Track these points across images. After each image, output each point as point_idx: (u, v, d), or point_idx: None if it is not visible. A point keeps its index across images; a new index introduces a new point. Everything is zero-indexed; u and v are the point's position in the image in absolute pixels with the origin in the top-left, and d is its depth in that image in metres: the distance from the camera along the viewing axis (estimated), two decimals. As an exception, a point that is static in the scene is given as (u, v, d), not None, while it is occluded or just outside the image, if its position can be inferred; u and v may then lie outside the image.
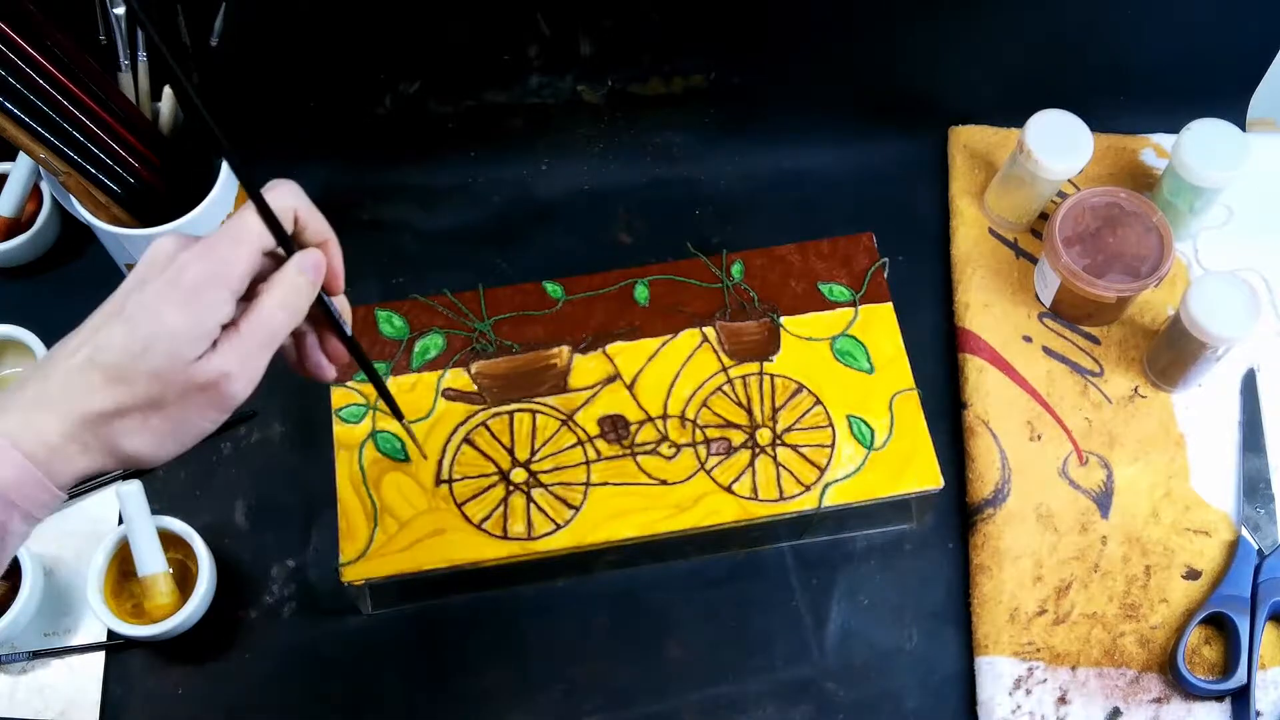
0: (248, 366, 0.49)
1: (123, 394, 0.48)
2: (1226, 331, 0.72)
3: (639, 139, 0.90)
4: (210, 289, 0.48)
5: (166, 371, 0.48)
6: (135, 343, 0.47)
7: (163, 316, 0.47)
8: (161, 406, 0.48)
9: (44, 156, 0.69)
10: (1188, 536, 0.75)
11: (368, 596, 0.73)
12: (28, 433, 0.47)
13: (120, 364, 0.47)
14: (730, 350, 0.76)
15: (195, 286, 0.48)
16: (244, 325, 0.49)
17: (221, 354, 0.49)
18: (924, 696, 0.72)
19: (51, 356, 0.49)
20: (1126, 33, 0.84)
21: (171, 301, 0.48)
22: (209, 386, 0.49)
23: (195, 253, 0.49)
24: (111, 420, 0.48)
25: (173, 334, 0.47)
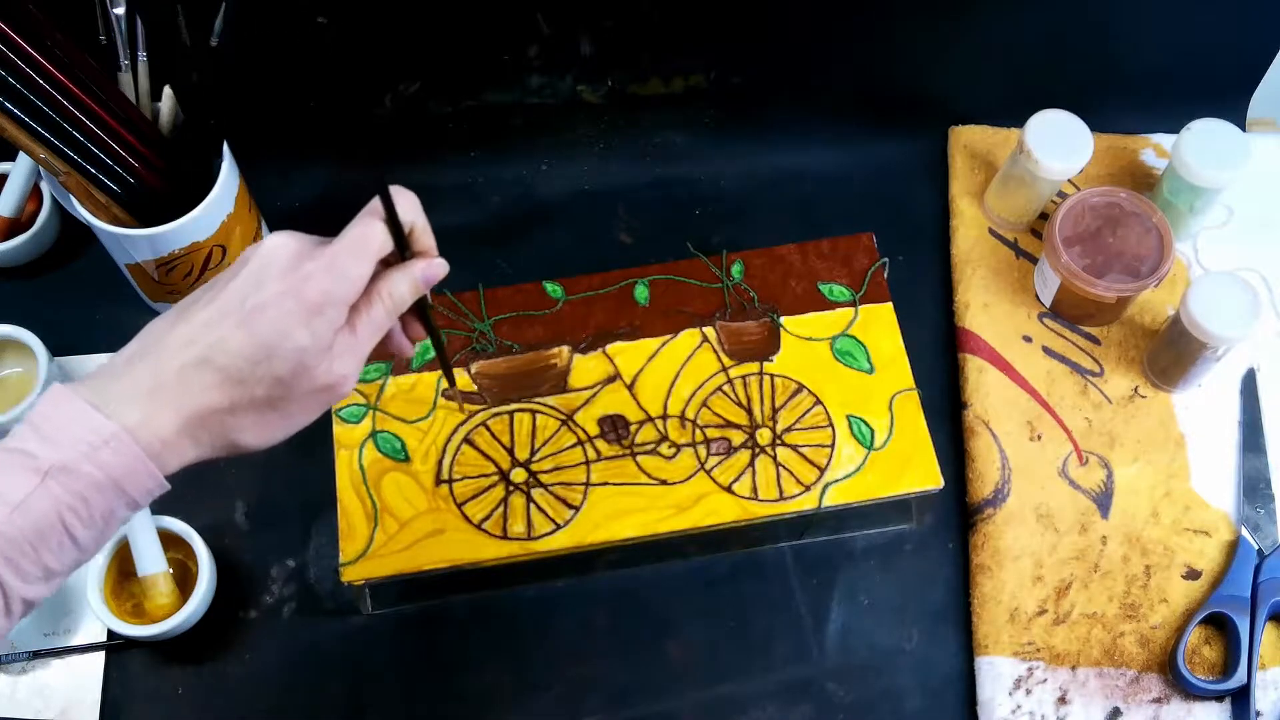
0: (359, 365, 0.52)
1: (239, 395, 0.49)
2: (1226, 331, 0.72)
3: (639, 139, 0.90)
4: (334, 306, 0.49)
5: (287, 378, 0.49)
6: (257, 350, 0.48)
7: (286, 331, 0.49)
8: (277, 405, 0.50)
9: (44, 156, 0.69)
10: (1188, 536, 0.75)
11: (368, 596, 0.73)
12: (143, 426, 0.48)
13: (239, 368, 0.49)
14: (730, 350, 0.76)
15: (320, 303, 0.49)
16: (361, 329, 0.51)
17: (341, 359, 0.51)
18: (924, 696, 0.72)
19: (158, 345, 0.50)
20: (1126, 33, 0.84)
21: (295, 316, 0.49)
22: (328, 389, 0.51)
23: (320, 265, 0.49)
24: (225, 418, 0.49)
25: (297, 349, 0.49)
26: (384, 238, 0.52)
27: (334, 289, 0.49)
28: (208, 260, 0.77)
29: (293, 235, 0.51)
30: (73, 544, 0.47)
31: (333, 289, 0.49)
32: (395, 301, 0.53)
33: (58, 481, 0.46)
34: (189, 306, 0.51)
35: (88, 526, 0.47)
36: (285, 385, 0.49)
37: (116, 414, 0.47)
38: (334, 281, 0.49)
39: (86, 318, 0.83)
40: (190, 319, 0.50)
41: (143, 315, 0.83)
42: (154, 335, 0.50)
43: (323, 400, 0.51)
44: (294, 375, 0.49)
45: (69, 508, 0.46)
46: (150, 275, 0.77)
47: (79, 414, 0.47)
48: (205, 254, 0.77)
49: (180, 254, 0.75)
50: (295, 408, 0.51)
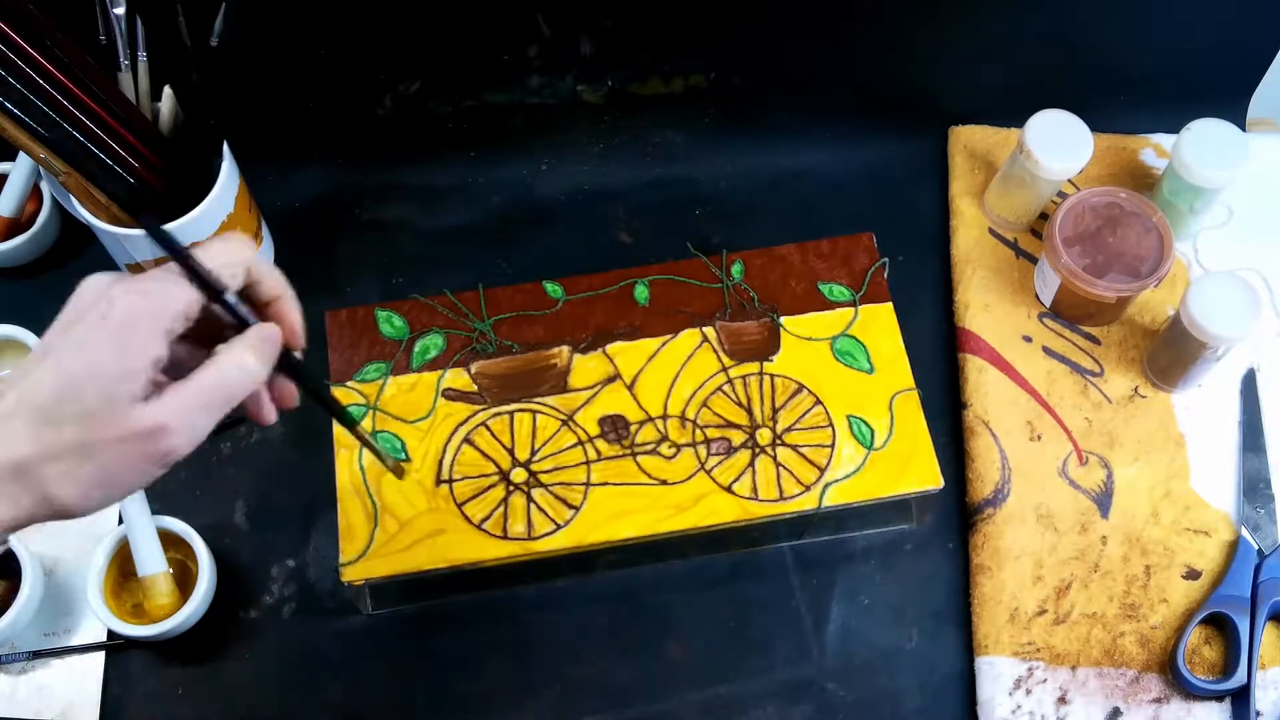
0: (188, 423, 0.46)
1: (48, 438, 0.45)
2: (1226, 331, 0.72)
3: (639, 139, 0.90)
4: (141, 324, 0.46)
5: (96, 414, 0.45)
6: (62, 384, 0.45)
7: (90, 353, 0.45)
8: (90, 453, 0.45)
9: (44, 156, 0.69)
10: (1188, 536, 0.75)
11: (368, 596, 0.73)
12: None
13: (47, 407, 0.45)
14: (730, 350, 0.76)
15: (125, 322, 0.46)
16: (190, 383, 0.47)
17: (162, 404, 0.46)
18: (924, 696, 0.72)
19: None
20: (1126, 33, 0.84)
21: (99, 338, 0.45)
22: (144, 436, 0.46)
23: (126, 287, 0.46)
24: (35, 467, 0.45)
25: (101, 374, 0.45)
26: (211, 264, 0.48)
27: (141, 308, 0.46)
28: (208, 260, 0.77)
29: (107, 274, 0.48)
30: None
31: (139, 308, 0.46)
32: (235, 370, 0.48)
33: None
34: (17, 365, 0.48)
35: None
36: (97, 424, 0.45)
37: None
38: (142, 301, 0.46)
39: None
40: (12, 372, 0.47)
41: (143, 315, 0.83)
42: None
43: (141, 452, 0.46)
44: (104, 412, 0.45)
45: None
46: (150, 275, 0.77)
47: None
48: (205, 254, 0.76)
49: (180, 254, 0.75)
50: (111, 458, 0.45)
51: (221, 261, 0.48)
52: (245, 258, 0.49)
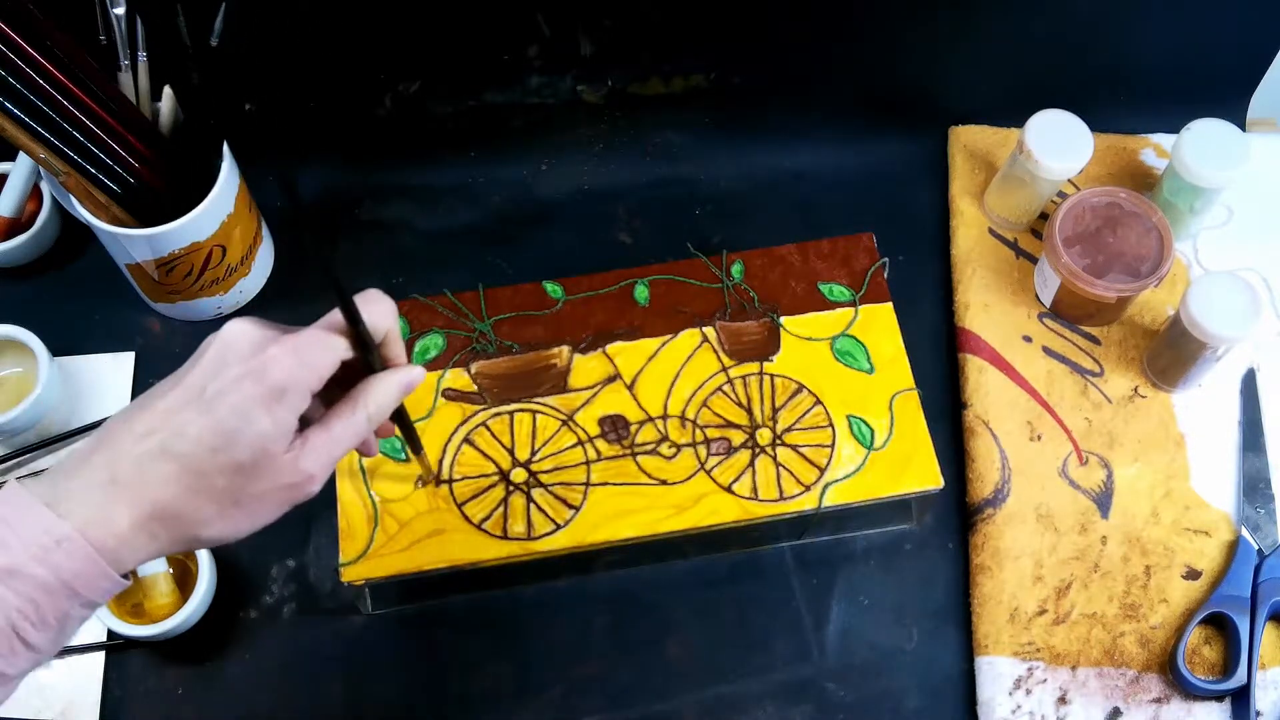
0: (328, 467, 0.50)
1: (199, 486, 0.47)
2: (1226, 331, 0.72)
3: (639, 139, 0.90)
4: (296, 392, 0.48)
5: (250, 467, 0.47)
6: (217, 437, 0.47)
7: (249, 415, 0.47)
8: (239, 497, 0.48)
9: (44, 156, 0.70)
10: (1188, 536, 0.75)
11: (368, 596, 0.73)
12: (97, 523, 0.46)
13: (199, 457, 0.47)
14: (730, 350, 0.76)
15: (282, 388, 0.47)
16: (337, 430, 0.50)
17: (310, 454, 0.49)
18: (924, 696, 0.72)
19: (115, 435, 0.48)
20: (1126, 33, 0.84)
21: (257, 401, 0.47)
22: (292, 486, 0.49)
23: (284, 349, 0.48)
24: (184, 511, 0.47)
25: (259, 434, 0.47)
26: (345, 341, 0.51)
27: (297, 374, 0.48)
28: (208, 260, 0.77)
29: (253, 321, 0.49)
30: (25, 647, 0.46)
31: (295, 374, 0.48)
32: (379, 408, 0.52)
33: (6, 585, 0.44)
34: (149, 397, 0.49)
35: (40, 629, 0.45)
36: (247, 475, 0.48)
37: (70, 511, 0.46)
38: (297, 366, 0.48)
39: (86, 318, 0.83)
40: (149, 408, 0.48)
41: (143, 315, 0.83)
42: (112, 427, 0.49)
43: (287, 498, 0.49)
44: (256, 465, 0.47)
45: (19, 611, 0.45)
46: (150, 275, 0.77)
47: (31, 513, 0.45)
48: (205, 254, 0.77)
49: (180, 254, 0.75)
50: (258, 503, 0.49)
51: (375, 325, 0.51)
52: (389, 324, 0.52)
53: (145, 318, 0.83)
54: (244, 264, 0.81)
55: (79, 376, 0.80)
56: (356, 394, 0.51)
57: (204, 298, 0.81)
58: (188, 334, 0.83)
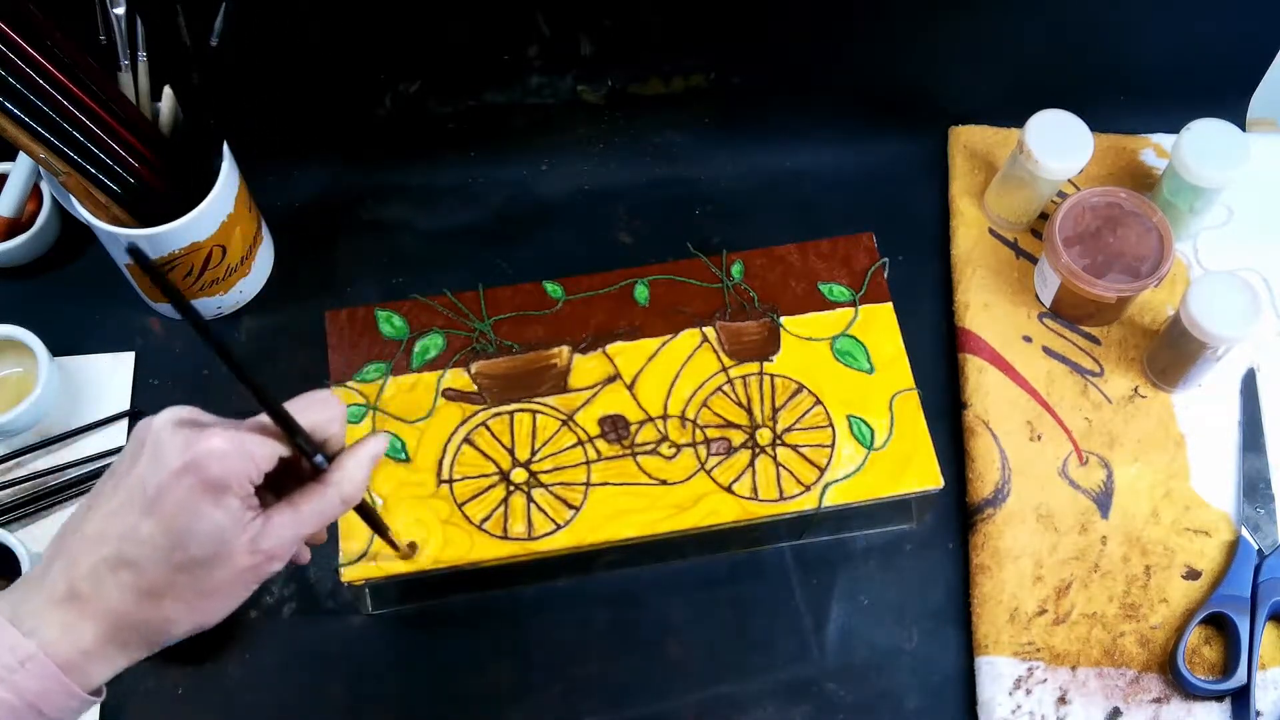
0: (289, 547, 0.49)
1: (160, 590, 0.46)
2: (1226, 331, 0.72)
3: (639, 139, 0.90)
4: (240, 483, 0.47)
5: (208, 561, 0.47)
6: (169, 539, 0.46)
7: (196, 510, 0.46)
8: (203, 591, 0.47)
9: (44, 156, 0.70)
10: (1188, 536, 0.75)
11: (368, 596, 0.73)
12: (62, 640, 0.45)
13: (155, 560, 0.46)
14: (730, 350, 0.76)
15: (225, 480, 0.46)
16: (305, 510, 0.49)
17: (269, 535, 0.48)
18: (924, 696, 0.72)
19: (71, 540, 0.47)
20: (1126, 33, 0.84)
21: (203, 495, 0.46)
22: (252, 569, 0.48)
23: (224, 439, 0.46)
24: (150, 615, 0.47)
25: (213, 528, 0.46)
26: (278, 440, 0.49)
27: (237, 465, 0.46)
28: (208, 260, 0.77)
29: (184, 409, 0.48)
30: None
31: (236, 465, 0.46)
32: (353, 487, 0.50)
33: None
34: (96, 496, 0.48)
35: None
36: (208, 568, 0.47)
37: (35, 629, 0.45)
38: (238, 457, 0.46)
39: (86, 318, 0.83)
40: (97, 511, 0.47)
41: (143, 315, 0.83)
42: (66, 532, 0.48)
43: (252, 578, 0.49)
44: (215, 557, 0.47)
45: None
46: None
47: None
48: (205, 254, 0.77)
49: (180, 254, 0.75)
50: (225, 589, 0.48)
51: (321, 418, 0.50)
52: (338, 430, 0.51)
53: (145, 318, 0.83)
54: (244, 264, 0.81)
55: (79, 376, 0.80)
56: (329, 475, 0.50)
57: (204, 298, 0.81)
58: (188, 334, 0.83)
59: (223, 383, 0.81)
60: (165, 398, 0.80)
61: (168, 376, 0.81)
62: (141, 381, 0.81)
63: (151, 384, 0.81)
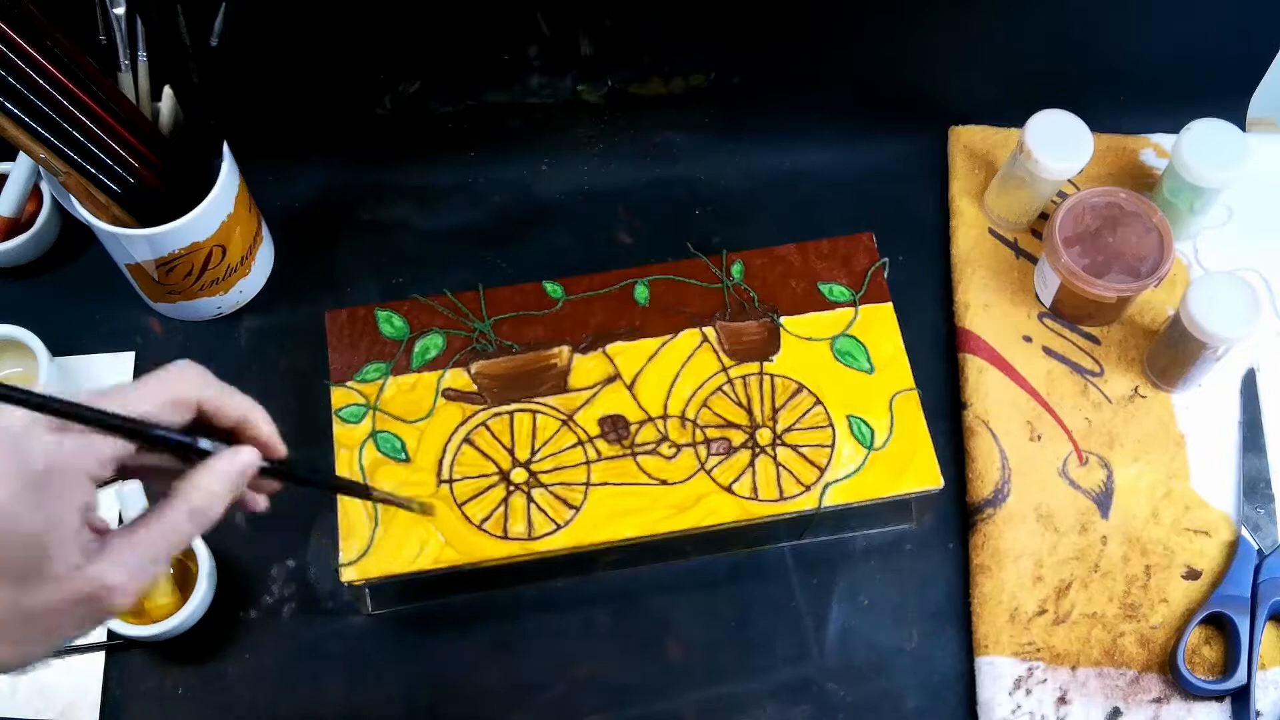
0: (136, 577, 0.42)
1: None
2: (1226, 331, 0.72)
3: (639, 139, 0.90)
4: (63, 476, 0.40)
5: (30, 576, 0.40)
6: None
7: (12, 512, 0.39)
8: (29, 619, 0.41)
9: (44, 156, 0.69)
10: (1188, 536, 0.75)
11: (368, 596, 0.73)
12: None
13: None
14: (730, 350, 0.76)
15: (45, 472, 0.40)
16: (141, 531, 0.43)
17: (109, 562, 0.41)
18: (924, 696, 0.72)
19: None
20: (1126, 33, 0.84)
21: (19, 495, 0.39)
22: (88, 598, 0.41)
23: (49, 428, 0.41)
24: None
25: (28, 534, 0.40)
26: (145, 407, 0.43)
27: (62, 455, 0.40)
28: (208, 260, 0.77)
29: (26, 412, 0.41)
30: None
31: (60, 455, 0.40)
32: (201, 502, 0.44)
33: None
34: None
35: None
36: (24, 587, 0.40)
37: None
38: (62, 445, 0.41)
39: (86, 318, 0.83)
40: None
41: (143, 315, 0.83)
42: None
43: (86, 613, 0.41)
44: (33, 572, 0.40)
45: None
46: (150, 275, 0.77)
47: None
48: (205, 254, 0.77)
49: (180, 254, 0.75)
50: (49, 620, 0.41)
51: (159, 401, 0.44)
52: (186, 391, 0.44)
53: (145, 318, 0.83)
54: (244, 264, 0.81)
55: (79, 376, 0.80)
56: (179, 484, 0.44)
57: (204, 298, 0.81)
58: (188, 334, 0.83)
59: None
60: (165, 398, 0.80)
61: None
62: (141, 381, 0.81)
63: (151, 384, 0.81)
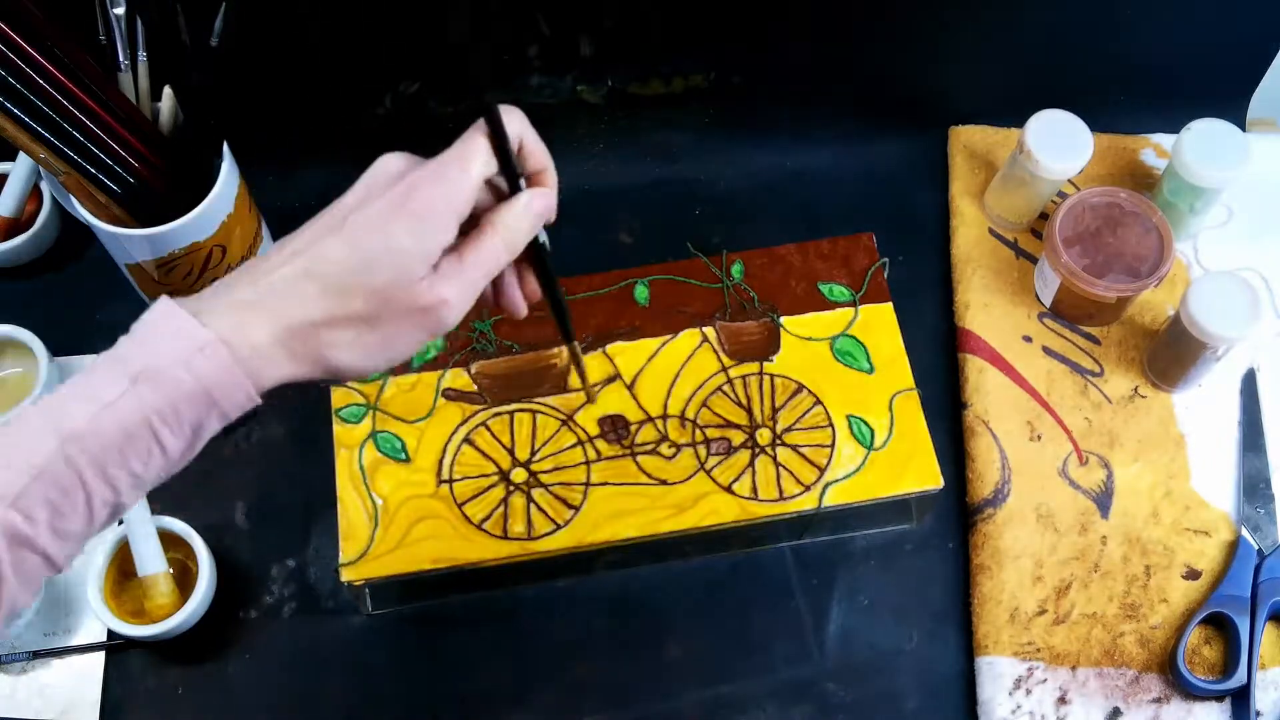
0: (464, 295, 0.50)
1: (337, 307, 0.48)
2: (1226, 331, 0.72)
3: (639, 139, 0.90)
4: (438, 213, 0.48)
5: (387, 289, 0.48)
6: (357, 259, 0.48)
7: (390, 236, 0.48)
8: (375, 323, 0.49)
9: (44, 156, 0.69)
10: (1188, 536, 0.75)
11: (368, 596, 0.73)
12: (237, 334, 0.47)
13: (339, 278, 0.48)
14: (730, 350, 0.76)
15: (424, 210, 0.48)
16: (468, 255, 0.50)
17: (445, 280, 0.49)
18: (924, 696, 0.72)
19: (261, 264, 0.49)
20: (1126, 33, 0.84)
21: (399, 222, 0.48)
22: (427, 310, 0.49)
23: (425, 175, 0.49)
24: (321, 331, 0.48)
25: (399, 253, 0.48)
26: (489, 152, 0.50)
27: (436, 196, 0.48)
28: (208, 260, 0.77)
29: (404, 155, 0.51)
30: (161, 452, 0.47)
31: (435, 196, 0.48)
32: (509, 233, 0.51)
33: (149, 386, 0.46)
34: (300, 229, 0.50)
35: (176, 435, 0.47)
36: (384, 297, 0.48)
37: (213, 323, 0.47)
38: (439, 188, 0.48)
39: (86, 318, 0.83)
40: (296, 236, 0.50)
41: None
42: (257, 258, 0.50)
43: (421, 324, 0.49)
44: (393, 285, 0.48)
45: (158, 413, 0.46)
46: (150, 275, 0.77)
47: (177, 322, 0.47)
48: (205, 254, 0.77)
49: (180, 254, 0.75)
50: (393, 328, 0.49)
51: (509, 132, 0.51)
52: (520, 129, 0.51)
53: (145, 318, 0.83)
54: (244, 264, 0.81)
55: (79, 376, 0.80)
56: (486, 217, 0.51)
57: (204, 298, 0.81)
58: (188, 334, 0.83)
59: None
60: (165, 398, 0.80)
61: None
62: (141, 381, 0.81)
63: (151, 384, 0.81)
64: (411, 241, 0.48)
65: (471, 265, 0.50)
